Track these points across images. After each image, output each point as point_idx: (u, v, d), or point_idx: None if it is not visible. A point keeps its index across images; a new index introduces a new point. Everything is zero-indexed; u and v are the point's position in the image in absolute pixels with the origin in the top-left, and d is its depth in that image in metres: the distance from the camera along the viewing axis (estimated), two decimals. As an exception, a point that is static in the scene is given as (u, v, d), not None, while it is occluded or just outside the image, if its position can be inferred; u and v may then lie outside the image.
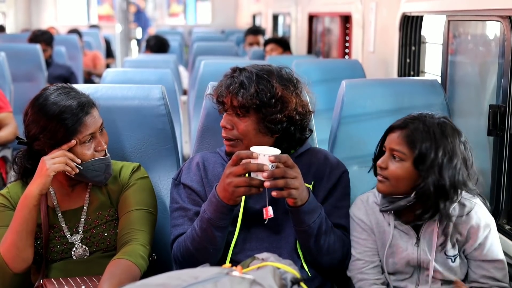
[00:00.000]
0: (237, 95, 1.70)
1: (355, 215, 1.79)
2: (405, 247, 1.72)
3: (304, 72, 3.26)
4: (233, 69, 1.78)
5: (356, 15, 3.93)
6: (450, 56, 2.70)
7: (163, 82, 2.84)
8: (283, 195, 1.57)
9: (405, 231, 1.73)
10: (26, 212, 1.67)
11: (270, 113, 1.70)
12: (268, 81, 1.71)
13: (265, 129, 1.73)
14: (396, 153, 1.66)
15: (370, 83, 2.37)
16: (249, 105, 1.69)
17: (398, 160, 1.66)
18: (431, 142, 1.62)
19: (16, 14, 9.96)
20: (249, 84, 1.70)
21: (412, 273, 1.74)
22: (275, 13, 7.79)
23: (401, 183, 1.66)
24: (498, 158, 2.19)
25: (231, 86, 1.72)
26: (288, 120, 1.73)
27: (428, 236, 1.71)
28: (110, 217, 1.83)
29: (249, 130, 1.73)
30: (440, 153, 1.61)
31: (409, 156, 1.64)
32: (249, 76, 1.72)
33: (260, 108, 1.70)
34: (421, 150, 1.62)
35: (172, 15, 13.39)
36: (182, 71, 5.59)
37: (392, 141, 1.68)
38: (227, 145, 1.78)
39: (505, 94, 2.14)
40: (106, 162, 1.78)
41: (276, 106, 1.70)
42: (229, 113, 1.76)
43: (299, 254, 1.75)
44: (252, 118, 1.72)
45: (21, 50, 4.81)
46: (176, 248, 1.76)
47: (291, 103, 1.72)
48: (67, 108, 1.69)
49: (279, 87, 1.71)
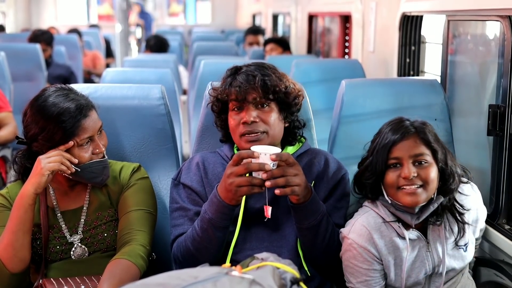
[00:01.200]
0: (265, 84, 1.71)
1: (356, 242, 1.66)
2: (420, 254, 1.70)
3: (304, 72, 3.25)
4: (232, 69, 1.79)
5: (356, 15, 3.93)
6: (450, 56, 2.69)
7: (163, 82, 2.84)
8: (286, 192, 1.57)
9: (415, 237, 1.69)
10: (22, 211, 1.67)
11: (289, 97, 1.76)
12: (273, 71, 1.77)
13: (282, 118, 1.78)
14: (421, 157, 1.63)
15: (370, 83, 2.37)
16: (279, 89, 1.73)
17: (426, 163, 1.63)
18: (438, 142, 1.67)
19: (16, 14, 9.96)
20: (268, 72, 1.74)
21: (424, 283, 1.72)
22: (275, 13, 7.79)
23: (434, 185, 1.64)
24: (497, 158, 2.18)
25: (251, 80, 1.72)
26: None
27: (436, 236, 1.71)
28: (109, 217, 1.83)
29: (275, 118, 1.75)
30: (445, 149, 1.68)
31: (431, 157, 1.64)
32: (254, 68, 1.76)
33: (283, 93, 1.75)
34: (438, 149, 1.65)
35: (172, 15, 13.40)
36: (182, 71, 5.59)
37: (411, 148, 1.63)
38: (250, 141, 1.72)
39: (504, 94, 2.14)
40: (103, 164, 1.78)
41: (291, 92, 1.77)
42: (247, 108, 1.73)
43: (299, 253, 1.75)
44: (273, 107, 1.76)
45: (21, 49, 4.81)
46: (176, 248, 1.76)
47: (295, 89, 1.79)
48: (66, 111, 1.69)
49: (282, 74, 1.79)
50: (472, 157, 2.51)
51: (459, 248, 1.71)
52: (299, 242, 1.75)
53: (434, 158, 1.64)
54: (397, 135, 1.64)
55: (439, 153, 1.64)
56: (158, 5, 13.33)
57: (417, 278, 1.69)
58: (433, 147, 1.64)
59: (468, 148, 2.53)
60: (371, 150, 1.71)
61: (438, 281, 1.71)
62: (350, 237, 1.68)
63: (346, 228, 1.71)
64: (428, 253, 1.69)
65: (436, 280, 1.72)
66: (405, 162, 1.62)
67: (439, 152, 1.64)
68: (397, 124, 1.68)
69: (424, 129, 1.66)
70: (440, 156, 1.64)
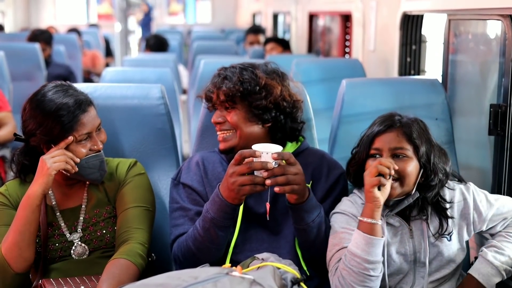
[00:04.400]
0: (222, 87, 1.75)
1: (347, 211, 1.73)
2: (401, 240, 1.71)
3: (304, 71, 3.24)
4: (220, 69, 1.82)
5: (357, 14, 3.92)
6: (450, 55, 2.69)
7: (163, 81, 2.84)
8: (286, 191, 1.57)
9: (397, 223, 1.72)
10: (29, 212, 1.67)
11: (255, 99, 1.74)
12: (252, 71, 1.77)
13: (254, 118, 1.76)
14: (400, 151, 1.66)
15: (371, 82, 2.36)
16: (233, 93, 1.73)
17: (403, 158, 1.66)
18: (425, 137, 1.69)
19: (15, 13, 9.96)
20: (232, 76, 1.76)
21: (407, 272, 1.72)
22: (275, 12, 7.79)
23: (411, 180, 1.66)
24: (498, 158, 2.18)
25: (217, 81, 1.78)
26: (276, 107, 1.76)
27: (419, 224, 1.72)
28: (108, 214, 1.83)
29: (239, 119, 1.75)
30: (433, 146, 1.70)
31: (412, 152, 1.67)
32: (233, 70, 1.78)
33: (246, 96, 1.74)
34: (421, 145, 1.67)
35: (171, 14, 13.39)
36: (182, 70, 5.59)
37: (392, 141, 1.68)
38: (221, 140, 1.79)
39: (505, 93, 2.13)
40: (99, 159, 1.77)
41: (260, 92, 1.74)
42: (218, 108, 1.80)
43: (299, 254, 1.74)
44: (239, 108, 1.75)
45: (20, 49, 4.81)
46: (176, 248, 1.75)
47: (276, 89, 1.76)
48: (64, 105, 1.69)
49: (263, 76, 1.77)
50: (473, 157, 2.50)
51: (442, 237, 1.71)
52: (297, 242, 1.74)
53: (416, 154, 1.67)
54: (381, 127, 1.70)
55: (421, 149, 1.66)
56: (158, 4, 13.32)
57: (399, 264, 1.71)
58: (415, 143, 1.67)
59: (469, 148, 2.53)
60: (360, 139, 1.77)
61: (423, 271, 1.71)
62: (340, 208, 1.74)
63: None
64: (411, 240, 1.71)
65: (421, 270, 1.72)
66: (384, 154, 1.67)
67: (421, 148, 1.66)
68: (386, 117, 1.73)
69: (409, 124, 1.69)
70: (422, 152, 1.66)
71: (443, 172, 1.69)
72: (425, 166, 1.67)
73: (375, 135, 1.70)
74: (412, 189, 1.67)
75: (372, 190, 1.58)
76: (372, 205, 1.58)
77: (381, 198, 1.58)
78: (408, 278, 1.72)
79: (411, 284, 1.72)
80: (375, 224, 1.58)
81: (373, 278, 1.59)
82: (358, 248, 1.58)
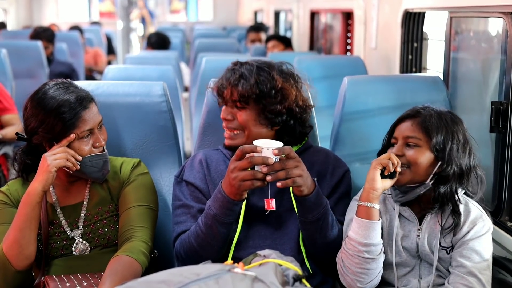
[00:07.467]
0: (237, 86, 1.73)
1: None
2: (407, 235, 1.72)
3: (306, 69, 3.25)
4: (234, 63, 1.80)
5: (358, 12, 3.92)
6: (452, 52, 2.69)
7: (165, 79, 2.84)
8: (288, 184, 1.57)
9: (410, 218, 1.73)
10: (29, 209, 1.67)
11: (270, 103, 1.73)
12: (269, 72, 1.75)
13: (265, 121, 1.75)
14: (411, 140, 1.68)
15: (372, 80, 2.37)
16: (249, 95, 1.72)
17: (414, 147, 1.68)
18: (446, 129, 1.68)
19: (18, 11, 9.97)
20: (249, 75, 1.73)
21: (414, 265, 1.73)
22: (277, 10, 7.78)
23: (421, 169, 1.67)
24: (500, 155, 2.18)
25: (231, 77, 1.75)
26: (288, 112, 1.76)
27: (430, 227, 1.71)
28: (110, 212, 1.83)
29: (249, 120, 1.75)
30: (455, 139, 1.68)
31: (424, 142, 1.68)
32: (250, 68, 1.75)
33: (260, 99, 1.73)
34: (438, 136, 1.67)
35: (173, 12, 13.38)
36: (184, 68, 5.59)
37: (406, 130, 1.70)
38: (228, 137, 1.79)
39: (507, 91, 2.13)
40: (103, 158, 1.78)
41: (276, 97, 1.73)
42: (228, 105, 1.78)
43: (302, 250, 1.75)
44: (251, 109, 1.74)
45: (23, 47, 4.81)
46: (179, 245, 1.76)
47: (291, 95, 1.75)
48: (65, 102, 1.69)
49: (279, 79, 1.75)
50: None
51: (442, 248, 1.70)
52: (301, 238, 1.75)
53: (428, 144, 1.67)
54: (403, 115, 1.74)
55: (434, 139, 1.66)
56: (160, 2, 13.31)
57: (406, 257, 1.72)
58: (429, 133, 1.67)
59: (470, 145, 2.52)
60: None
61: (429, 268, 1.70)
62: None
63: None
64: (417, 239, 1.71)
65: (426, 266, 1.71)
66: (399, 142, 1.71)
67: (435, 138, 1.66)
68: (412, 108, 1.75)
69: (427, 115, 1.69)
70: (435, 142, 1.66)
71: (459, 166, 1.67)
72: (439, 156, 1.66)
73: (395, 125, 1.75)
74: (424, 179, 1.67)
75: (373, 172, 1.63)
76: (368, 188, 1.64)
77: (378, 183, 1.63)
78: (415, 272, 1.74)
79: (418, 277, 1.73)
80: (370, 208, 1.64)
81: (369, 260, 1.63)
82: (353, 231, 1.64)
